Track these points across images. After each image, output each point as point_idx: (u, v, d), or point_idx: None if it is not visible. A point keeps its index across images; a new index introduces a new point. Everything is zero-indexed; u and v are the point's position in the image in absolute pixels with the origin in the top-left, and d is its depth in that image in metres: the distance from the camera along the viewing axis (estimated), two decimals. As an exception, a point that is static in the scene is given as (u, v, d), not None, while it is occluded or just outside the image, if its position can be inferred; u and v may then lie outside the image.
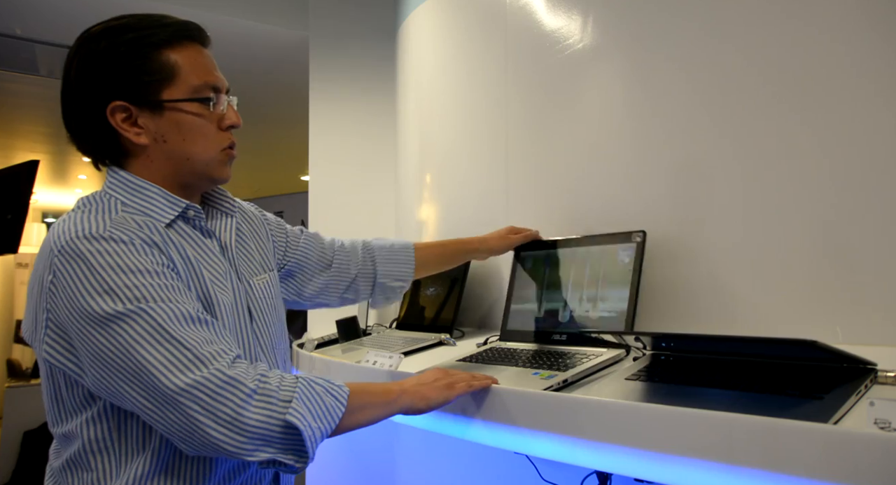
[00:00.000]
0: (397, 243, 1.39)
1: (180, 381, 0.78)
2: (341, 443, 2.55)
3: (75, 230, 0.84)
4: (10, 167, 3.77)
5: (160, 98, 0.92)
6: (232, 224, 1.07)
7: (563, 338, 1.32)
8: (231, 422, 0.78)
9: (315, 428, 0.83)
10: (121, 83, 0.91)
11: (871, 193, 1.06)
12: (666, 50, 1.38)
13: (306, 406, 0.83)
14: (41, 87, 4.05)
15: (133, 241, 0.85)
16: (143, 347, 0.79)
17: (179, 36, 0.94)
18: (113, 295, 0.81)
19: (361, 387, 0.93)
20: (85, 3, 2.86)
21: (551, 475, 1.46)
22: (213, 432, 0.78)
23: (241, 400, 0.79)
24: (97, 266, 0.82)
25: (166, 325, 0.81)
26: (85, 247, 0.83)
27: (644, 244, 1.25)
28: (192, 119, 0.94)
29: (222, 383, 0.79)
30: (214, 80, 0.96)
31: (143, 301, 0.81)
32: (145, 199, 0.94)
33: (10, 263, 7.46)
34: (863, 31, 1.09)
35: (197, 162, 0.97)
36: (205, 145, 0.96)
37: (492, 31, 1.88)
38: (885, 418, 0.66)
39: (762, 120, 1.20)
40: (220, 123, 0.98)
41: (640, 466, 0.87)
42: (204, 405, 0.78)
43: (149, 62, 0.91)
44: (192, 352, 0.80)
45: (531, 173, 1.72)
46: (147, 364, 0.79)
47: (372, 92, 2.88)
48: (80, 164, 6.44)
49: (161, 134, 0.94)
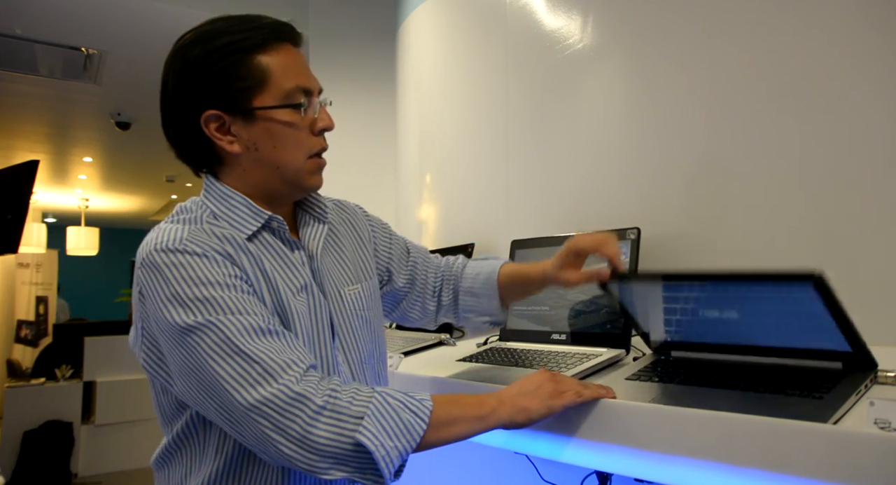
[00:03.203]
0: (483, 273, 1.19)
1: (250, 397, 0.78)
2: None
3: (155, 243, 0.86)
4: (10, 167, 3.77)
5: (252, 106, 0.90)
6: (322, 231, 1.03)
7: (563, 338, 1.32)
8: (300, 440, 0.77)
9: (391, 448, 0.79)
10: (213, 92, 0.89)
11: (872, 193, 1.06)
12: (666, 50, 1.38)
13: (380, 424, 0.79)
14: (41, 87, 4.05)
15: (206, 253, 0.85)
16: (214, 360, 0.80)
17: (272, 38, 0.91)
18: (185, 307, 0.82)
19: (450, 399, 0.87)
20: (85, 4, 2.86)
21: (551, 475, 1.46)
22: (284, 449, 0.77)
23: (310, 417, 0.77)
24: (171, 278, 0.83)
25: (235, 338, 0.80)
26: (160, 259, 0.84)
27: (639, 241, 1.25)
28: (283, 125, 0.92)
29: (290, 399, 0.78)
30: (306, 82, 0.93)
31: (213, 313, 0.81)
32: (230, 208, 0.93)
33: (11, 263, 7.46)
34: (863, 31, 1.09)
35: (286, 170, 0.94)
36: (294, 153, 0.94)
37: (492, 31, 1.88)
38: (885, 418, 0.66)
39: (762, 119, 1.20)
40: (313, 127, 0.95)
41: (640, 466, 0.87)
42: (274, 422, 0.77)
43: (241, 68, 0.89)
44: (262, 366, 0.79)
45: (531, 173, 1.72)
46: (218, 378, 0.79)
47: (372, 92, 2.88)
48: (80, 164, 6.44)
49: (253, 142, 0.92)
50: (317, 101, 0.95)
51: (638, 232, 1.26)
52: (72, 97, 4.30)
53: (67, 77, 3.77)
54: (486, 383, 1.12)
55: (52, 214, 9.41)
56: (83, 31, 3.17)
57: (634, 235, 1.26)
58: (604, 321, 1.26)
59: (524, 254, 1.52)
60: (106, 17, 3.02)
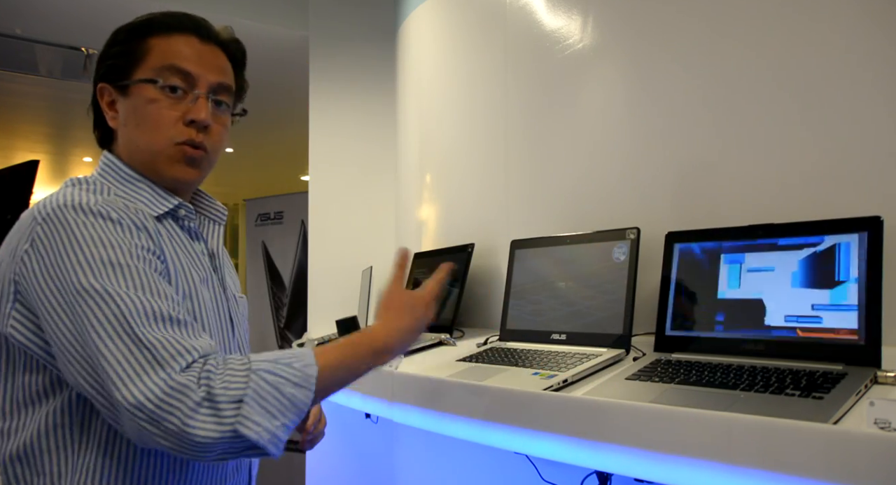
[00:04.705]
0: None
1: (131, 388, 0.70)
2: (341, 443, 2.55)
3: (64, 201, 0.78)
4: (10, 167, 3.77)
5: (129, 80, 0.89)
6: (220, 232, 1.01)
7: (562, 338, 1.32)
8: (178, 435, 0.70)
9: (277, 427, 0.74)
10: (106, 66, 0.91)
11: (871, 192, 1.06)
12: (666, 49, 1.38)
13: (259, 406, 0.73)
14: (41, 87, 4.05)
15: (122, 220, 0.79)
16: (101, 335, 0.72)
17: (175, 27, 0.91)
18: (91, 267, 0.74)
19: (326, 347, 0.83)
20: (85, 4, 2.86)
21: (551, 475, 1.46)
22: (164, 443, 0.71)
23: (187, 414, 0.70)
24: (80, 238, 0.76)
25: (131, 318, 0.73)
26: (72, 217, 0.77)
27: (638, 241, 1.25)
28: (145, 101, 0.88)
29: (170, 390, 0.71)
30: (186, 65, 0.89)
31: (117, 284, 0.74)
32: (134, 191, 0.89)
33: (10, 263, 7.45)
34: (867, 29, 1.09)
35: (144, 151, 0.89)
36: (153, 134, 0.88)
37: (492, 31, 1.88)
38: (885, 418, 0.66)
39: (763, 118, 1.20)
40: (185, 115, 0.89)
41: (640, 466, 0.87)
42: (151, 416, 0.70)
43: (131, 46, 0.90)
44: (151, 352, 0.72)
45: (531, 173, 1.72)
46: (101, 357, 0.72)
47: (372, 92, 2.87)
48: (80, 164, 6.44)
49: (125, 117, 0.90)
50: (199, 93, 0.90)
51: (638, 232, 1.26)
52: (72, 97, 4.29)
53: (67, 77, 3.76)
54: (487, 383, 1.12)
55: (52, 214, 9.40)
56: (83, 31, 3.17)
57: (634, 235, 1.26)
58: (604, 321, 1.26)
59: (524, 254, 1.52)
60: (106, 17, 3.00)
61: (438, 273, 1.01)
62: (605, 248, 1.31)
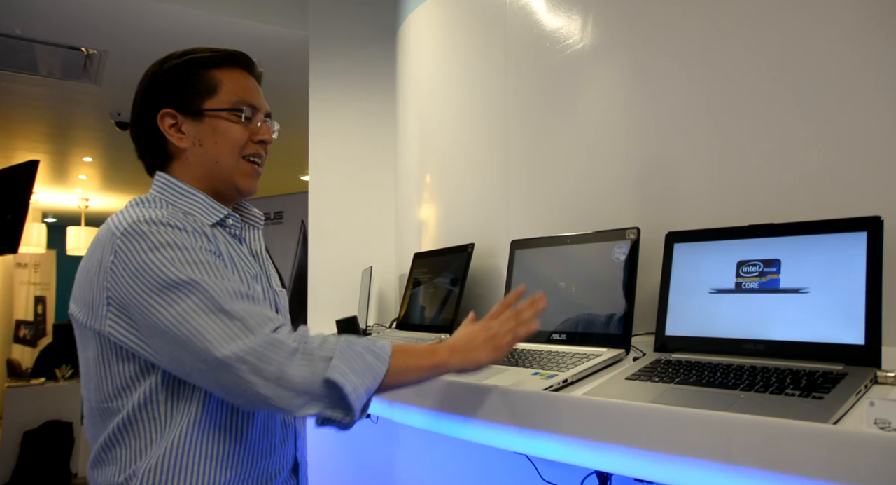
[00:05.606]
0: None
1: (229, 348, 0.86)
2: (341, 442, 2.55)
3: (136, 216, 0.94)
4: (10, 167, 3.77)
5: (202, 108, 1.05)
6: (260, 235, 1.16)
7: (562, 337, 1.32)
8: (277, 379, 0.85)
9: (359, 384, 0.88)
10: (170, 95, 1.04)
11: (871, 192, 1.06)
12: (666, 49, 1.38)
13: (347, 364, 0.89)
14: (41, 87, 4.05)
15: (186, 228, 0.95)
16: (198, 314, 0.88)
17: (228, 61, 1.07)
18: (172, 267, 0.90)
19: (405, 349, 0.98)
20: (85, 4, 2.86)
21: (551, 475, 1.46)
22: (262, 390, 0.85)
23: (284, 359, 0.86)
24: (157, 243, 0.91)
25: (219, 297, 0.89)
26: (147, 228, 0.92)
27: (638, 241, 1.25)
28: (226, 125, 1.06)
29: (267, 344, 0.87)
30: (253, 99, 1.08)
31: (199, 274, 0.90)
32: (190, 203, 1.04)
33: (10, 263, 7.47)
34: (867, 29, 1.09)
35: (223, 166, 1.07)
36: (232, 150, 1.06)
37: (492, 32, 1.88)
38: (885, 418, 0.66)
39: (763, 119, 1.20)
40: (253, 136, 1.08)
41: (640, 466, 0.87)
42: (252, 365, 0.85)
43: (195, 77, 1.05)
44: (242, 322, 0.88)
45: (531, 173, 1.72)
46: (201, 331, 0.87)
47: (372, 92, 2.87)
48: (80, 164, 6.44)
49: (199, 138, 1.05)
50: (261, 117, 1.10)
51: (637, 232, 1.26)
52: (72, 97, 4.29)
53: (67, 77, 3.77)
54: (487, 382, 1.12)
55: (52, 214, 9.40)
56: (83, 31, 3.17)
57: (634, 235, 1.26)
58: (604, 321, 1.26)
59: (524, 254, 1.52)
60: (106, 17, 3.02)
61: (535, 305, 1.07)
62: (605, 248, 1.31)
